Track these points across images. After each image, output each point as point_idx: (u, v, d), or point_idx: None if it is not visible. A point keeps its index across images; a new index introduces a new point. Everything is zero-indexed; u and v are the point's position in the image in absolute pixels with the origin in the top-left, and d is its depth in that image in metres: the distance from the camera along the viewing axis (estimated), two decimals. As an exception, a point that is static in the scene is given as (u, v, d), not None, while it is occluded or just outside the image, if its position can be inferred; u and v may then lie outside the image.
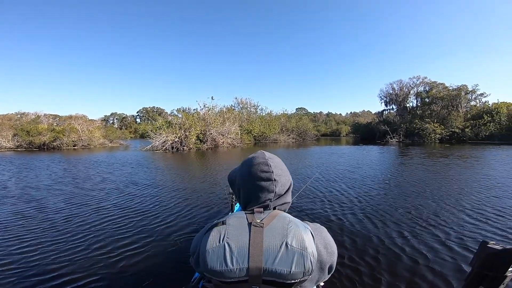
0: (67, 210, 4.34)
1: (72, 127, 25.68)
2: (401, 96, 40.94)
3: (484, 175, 7.26)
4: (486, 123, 30.50)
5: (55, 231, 3.41)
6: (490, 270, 0.55)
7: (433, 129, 31.70)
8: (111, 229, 3.47)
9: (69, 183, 6.71)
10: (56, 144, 24.46)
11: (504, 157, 12.19)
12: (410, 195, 5.08)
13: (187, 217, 3.95)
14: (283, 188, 0.87)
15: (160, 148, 19.34)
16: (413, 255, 2.68)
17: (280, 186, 0.86)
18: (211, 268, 0.68)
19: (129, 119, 79.68)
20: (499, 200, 4.66)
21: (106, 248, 2.90)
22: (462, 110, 34.37)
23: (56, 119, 35.13)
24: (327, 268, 0.79)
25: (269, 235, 0.71)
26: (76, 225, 3.60)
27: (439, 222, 3.60)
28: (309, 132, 40.84)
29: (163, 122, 21.89)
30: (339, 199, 4.84)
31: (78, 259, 2.65)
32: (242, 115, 34.29)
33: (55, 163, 11.55)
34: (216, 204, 4.63)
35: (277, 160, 0.91)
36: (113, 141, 30.06)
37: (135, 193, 5.49)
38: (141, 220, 3.79)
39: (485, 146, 20.62)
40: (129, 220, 3.79)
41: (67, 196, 5.29)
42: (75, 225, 3.62)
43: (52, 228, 3.51)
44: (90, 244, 3.01)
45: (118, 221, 3.77)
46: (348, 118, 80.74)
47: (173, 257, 2.69)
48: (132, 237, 3.20)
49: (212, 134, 22.49)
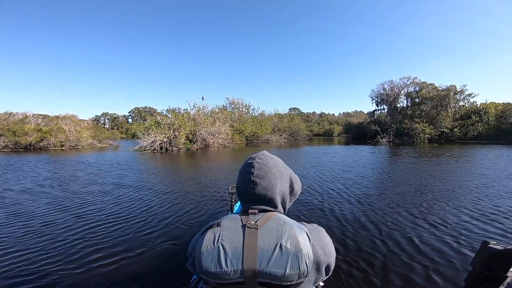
0: (50, 215, 4.13)
1: (59, 127, 25.22)
2: (392, 96, 41.36)
3: (477, 174, 7.37)
4: (474, 123, 31.03)
5: (38, 236, 3.25)
6: (491, 270, 0.54)
7: (422, 129, 32.10)
8: (103, 233, 3.34)
9: (51, 185, 6.51)
10: (43, 144, 23.98)
11: (492, 157, 12.40)
12: (406, 194, 5.17)
13: (179, 220, 3.84)
14: (265, 192, 0.82)
15: (149, 148, 19.09)
16: (413, 255, 2.69)
17: (261, 189, 0.81)
18: (206, 270, 0.68)
19: (121, 119, 78.73)
20: (496, 199, 4.74)
21: (98, 254, 2.79)
22: (451, 110, 34.92)
23: (45, 119, 34.41)
24: (324, 268, 0.77)
25: (263, 236, 0.70)
26: (61, 231, 3.42)
27: (437, 221, 3.63)
28: (301, 132, 40.89)
29: (152, 122, 21.62)
30: (334, 199, 4.85)
31: (70, 268, 2.53)
32: (233, 115, 34.14)
33: (40, 164, 11.24)
34: (208, 207, 4.49)
35: (269, 162, 0.86)
36: (102, 142, 29.61)
37: (122, 195, 5.35)
38: (131, 224, 3.67)
39: (473, 146, 20.98)
40: (117, 225, 3.64)
41: (51, 199, 5.08)
42: (60, 230, 3.43)
43: (34, 235, 3.32)
44: (81, 249, 2.89)
45: (104, 227, 3.58)
46: (341, 118, 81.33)
47: (173, 258, 2.66)
48: (127, 241, 3.11)
49: (202, 134, 22.30)
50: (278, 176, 0.85)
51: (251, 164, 0.84)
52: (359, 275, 2.33)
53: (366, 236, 3.17)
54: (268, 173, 0.83)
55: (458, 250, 2.75)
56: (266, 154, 0.89)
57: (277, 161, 0.89)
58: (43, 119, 34.76)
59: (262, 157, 0.86)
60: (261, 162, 0.84)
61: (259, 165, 0.83)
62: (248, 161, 0.86)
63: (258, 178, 0.81)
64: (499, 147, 19.64)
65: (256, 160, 0.85)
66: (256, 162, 0.84)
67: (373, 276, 2.31)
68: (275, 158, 0.89)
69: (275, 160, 0.88)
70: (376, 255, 2.69)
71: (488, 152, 14.61)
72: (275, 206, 0.84)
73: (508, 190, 5.36)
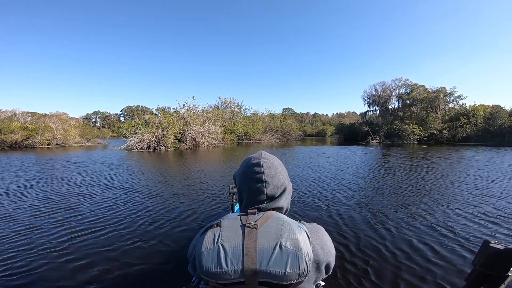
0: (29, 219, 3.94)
1: (46, 125, 24.76)
2: (384, 98, 41.77)
3: (471, 175, 7.41)
4: (463, 125, 31.54)
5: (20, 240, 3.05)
6: (492, 270, 0.54)
7: (412, 131, 32.47)
8: (89, 238, 3.15)
9: (27, 186, 6.28)
10: (29, 142, 23.53)
11: (478, 158, 12.57)
12: (403, 194, 5.14)
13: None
14: (276, 191, 0.84)
15: (136, 147, 18.85)
16: (413, 254, 2.69)
17: (272, 188, 0.83)
18: (207, 270, 0.68)
19: (113, 118, 77.82)
20: (490, 197, 4.82)
21: (87, 259, 2.64)
22: (441, 112, 35.39)
23: (35, 116, 33.77)
24: (324, 267, 0.77)
25: (263, 236, 0.70)
26: (36, 237, 3.23)
27: (438, 221, 3.66)
28: (293, 132, 40.94)
29: (139, 121, 21.37)
30: (327, 201, 4.69)
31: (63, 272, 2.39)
32: (225, 114, 34.01)
33: (19, 163, 10.93)
34: (203, 209, 4.33)
35: (274, 161, 0.88)
36: (90, 140, 29.16)
37: (99, 195, 5.17)
38: (115, 227, 3.50)
39: (462, 148, 21.27)
40: (103, 229, 3.43)
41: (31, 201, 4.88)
42: (36, 236, 3.21)
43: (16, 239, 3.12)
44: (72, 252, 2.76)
45: (88, 232, 3.35)
46: (334, 119, 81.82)
47: (172, 259, 2.62)
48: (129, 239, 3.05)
49: (191, 134, 22.11)
50: (285, 174, 0.89)
51: (259, 163, 0.84)
52: (359, 275, 2.33)
53: (366, 236, 3.17)
54: (277, 171, 0.85)
55: (459, 250, 2.76)
56: (267, 154, 0.90)
57: (278, 160, 0.92)
58: (33, 116, 34.18)
59: (266, 157, 0.88)
60: (268, 161, 0.86)
61: (267, 164, 0.84)
62: (253, 161, 0.86)
63: (269, 178, 0.83)
64: (487, 148, 20.00)
65: (262, 160, 0.85)
66: (264, 162, 0.85)
67: (373, 276, 2.31)
68: (275, 157, 0.92)
69: (276, 158, 0.91)
70: (377, 254, 2.70)
71: (474, 154, 14.80)
72: (284, 203, 0.87)
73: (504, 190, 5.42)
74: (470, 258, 2.56)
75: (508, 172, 7.86)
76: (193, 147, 21.82)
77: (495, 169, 8.55)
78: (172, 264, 2.52)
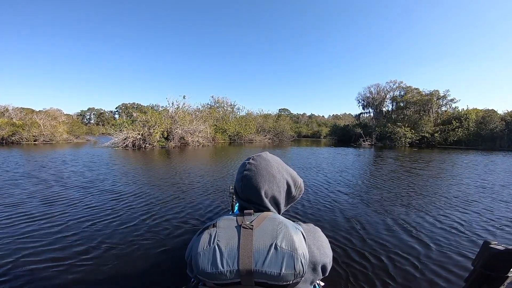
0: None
1: (33, 121, 24.53)
2: (378, 100, 41.77)
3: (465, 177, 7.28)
4: (455, 129, 31.51)
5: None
6: (492, 271, 0.54)
7: (404, 133, 32.38)
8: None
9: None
10: (15, 138, 23.37)
11: (466, 161, 12.47)
12: (400, 194, 4.99)
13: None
14: (253, 193, 0.82)
15: (121, 145, 18.59)
16: (413, 254, 2.72)
17: (248, 190, 0.82)
18: (203, 270, 0.68)
19: (107, 115, 77.32)
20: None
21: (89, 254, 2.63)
22: (433, 115, 35.35)
23: (23, 113, 33.37)
24: (320, 268, 0.77)
25: (259, 236, 0.70)
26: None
27: (437, 221, 3.72)
28: (285, 133, 40.66)
29: (124, 119, 21.11)
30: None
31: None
32: (217, 114, 33.78)
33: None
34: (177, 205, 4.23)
35: (261, 164, 0.85)
36: (79, 137, 28.86)
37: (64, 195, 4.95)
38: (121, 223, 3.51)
39: (452, 151, 21.19)
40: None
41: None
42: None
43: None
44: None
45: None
46: (330, 120, 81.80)
47: (172, 259, 2.62)
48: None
49: (178, 133, 21.85)
50: (267, 179, 0.83)
51: (244, 164, 0.86)
52: (360, 274, 2.34)
53: (366, 236, 3.18)
54: (257, 175, 0.83)
55: (459, 250, 2.78)
56: (263, 156, 0.88)
57: (272, 164, 0.86)
58: (24, 113, 33.78)
59: (256, 159, 0.86)
60: (253, 164, 0.84)
61: (250, 166, 0.84)
62: (244, 161, 0.88)
63: (246, 179, 0.83)
64: (478, 152, 19.96)
65: (250, 161, 0.85)
66: (249, 163, 0.85)
67: (373, 275, 2.32)
68: (270, 161, 0.87)
69: (270, 163, 0.86)
70: (376, 254, 2.71)
71: (464, 157, 14.70)
72: (265, 207, 0.83)
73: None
74: (470, 258, 2.60)
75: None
76: (181, 145, 21.58)
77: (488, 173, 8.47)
78: (172, 264, 2.51)
